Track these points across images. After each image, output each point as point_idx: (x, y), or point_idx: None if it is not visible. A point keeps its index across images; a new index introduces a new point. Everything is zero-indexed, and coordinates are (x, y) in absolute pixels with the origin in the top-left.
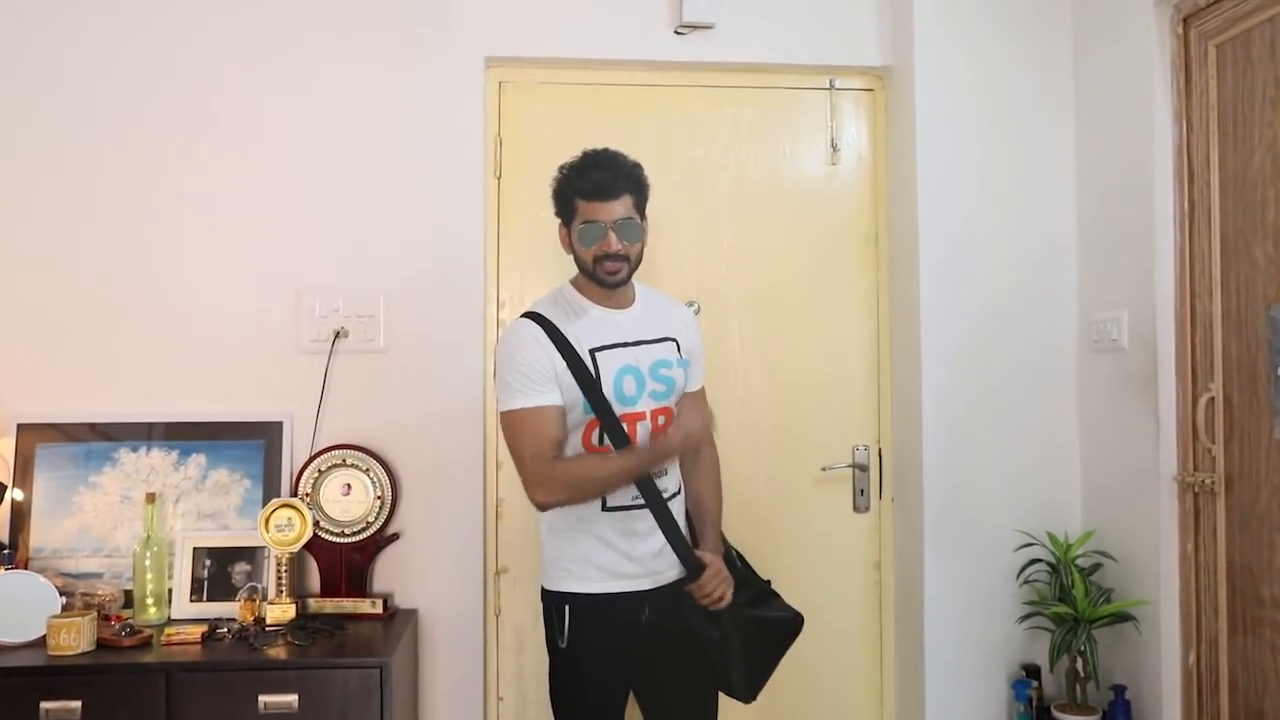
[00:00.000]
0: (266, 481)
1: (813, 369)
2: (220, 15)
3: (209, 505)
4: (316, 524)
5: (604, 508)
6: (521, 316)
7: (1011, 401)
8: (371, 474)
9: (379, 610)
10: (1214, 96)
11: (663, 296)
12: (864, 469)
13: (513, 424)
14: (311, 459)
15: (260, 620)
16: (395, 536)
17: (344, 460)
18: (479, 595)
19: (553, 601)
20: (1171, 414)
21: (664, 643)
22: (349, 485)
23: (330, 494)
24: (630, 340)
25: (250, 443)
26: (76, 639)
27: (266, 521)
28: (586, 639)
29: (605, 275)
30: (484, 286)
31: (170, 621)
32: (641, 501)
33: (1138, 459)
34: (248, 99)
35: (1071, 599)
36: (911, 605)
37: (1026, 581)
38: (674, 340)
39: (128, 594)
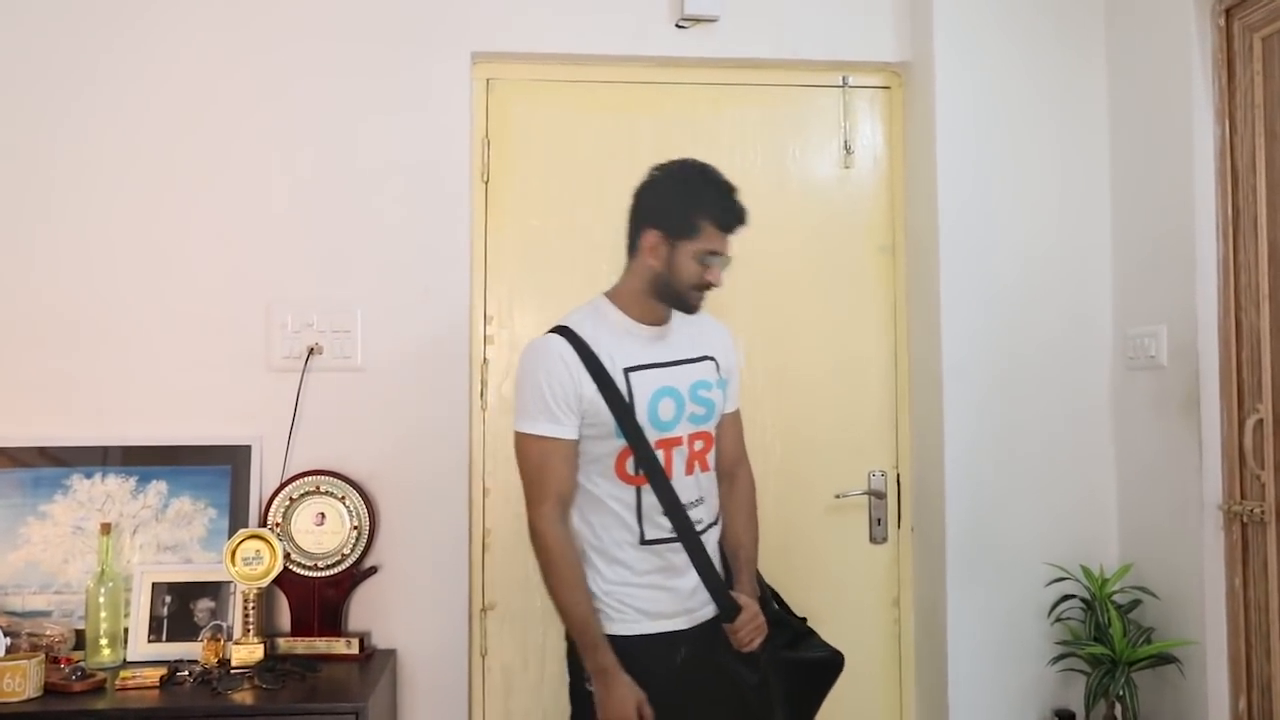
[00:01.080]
0: (233, 511)
1: (825, 388)
2: (193, 15)
3: (170, 537)
4: (287, 557)
5: (642, 540)
6: (551, 331)
7: (1041, 423)
8: (347, 502)
9: (355, 650)
10: (1259, 94)
11: (699, 312)
12: (881, 496)
13: (521, 447)
14: (282, 486)
15: (225, 662)
16: (373, 570)
17: (318, 487)
18: (463, 634)
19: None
20: (1216, 437)
21: (701, 685)
22: (323, 514)
23: (302, 524)
24: (668, 360)
25: (215, 468)
26: (22, 684)
27: (233, 554)
28: None
29: (695, 302)
30: (469, 299)
31: (126, 664)
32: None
33: (1179, 486)
34: (218, 101)
35: (1108, 639)
36: (933, 645)
37: (1059, 619)
38: (713, 359)
39: (79, 634)
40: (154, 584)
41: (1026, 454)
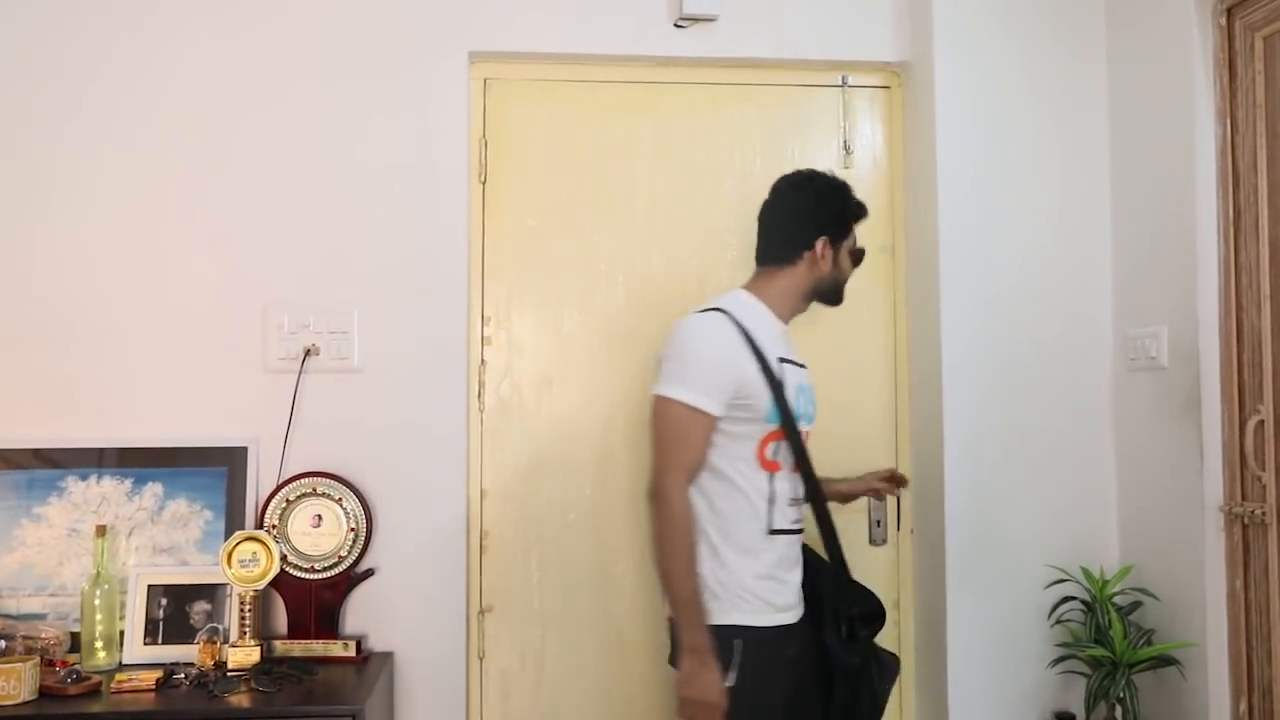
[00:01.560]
0: (229, 512)
1: (824, 389)
2: (192, 19)
3: (165, 539)
4: (284, 559)
5: (771, 530)
6: (709, 311)
7: (1041, 425)
8: (344, 504)
9: (351, 653)
10: (1261, 94)
11: None
12: (880, 498)
13: (666, 412)
14: (279, 488)
15: (221, 665)
16: (370, 572)
17: (314, 489)
18: (461, 637)
19: (719, 636)
20: (1217, 438)
21: (806, 681)
22: (320, 516)
23: (299, 526)
24: (797, 360)
25: (211, 470)
26: (17, 687)
27: (229, 556)
28: (758, 679)
29: (841, 296)
30: (467, 301)
31: (121, 667)
32: (800, 526)
33: (1180, 488)
34: (216, 103)
35: (1109, 641)
36: (933, 647)
37: (1059, 621)
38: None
39: (75, 636)
40: (150, 586)
41: (1026, 455)
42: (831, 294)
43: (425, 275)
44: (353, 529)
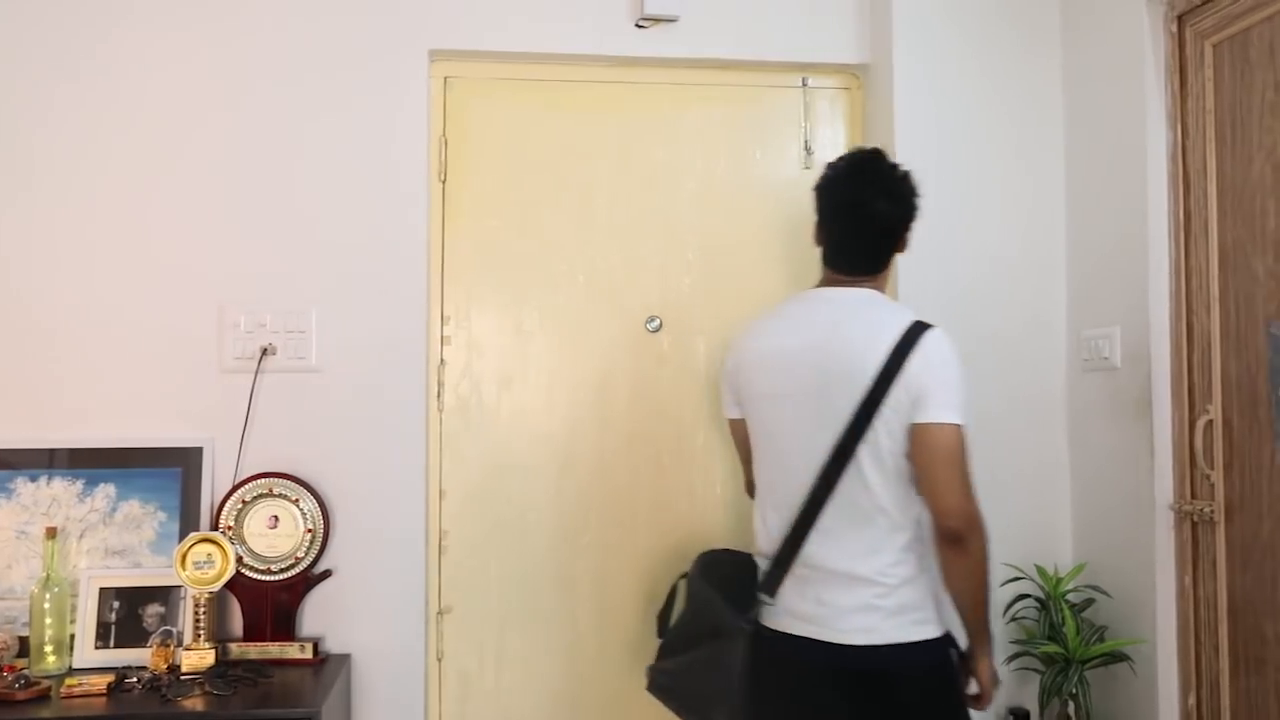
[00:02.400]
0: (184, 514)
1: None
2: (147, 15)
3: (118, 541)
4: (240, 560)
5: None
6: (934, 327)
7: (996, 424)
8: (301, 505)
9: (308, 655)
10: (1211, 100)
11: None
12: None
13: (957, 440)
14: (235, 489)
15: (175, 668)
16: (327, 574)
17: (271, 490)
18: (420, 638)
19: (951, 647)
20: (1167, 438)
21: None
22: (276, 517)
23: (255, 527)
24: None
25: (166, 471)
26: None
27: (183, 558)
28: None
29: None
30: (426, 299)
31: (72, 671)
32: None
33: (1132, 486)
34: (172, 100)
35: (1062, 637)
36: None
37: (1013, 619)
38: None
39: (23, 641)
40: (101, 589)
41: (982, 454)
42: None
43: (384, 274)
44: (310, 530)
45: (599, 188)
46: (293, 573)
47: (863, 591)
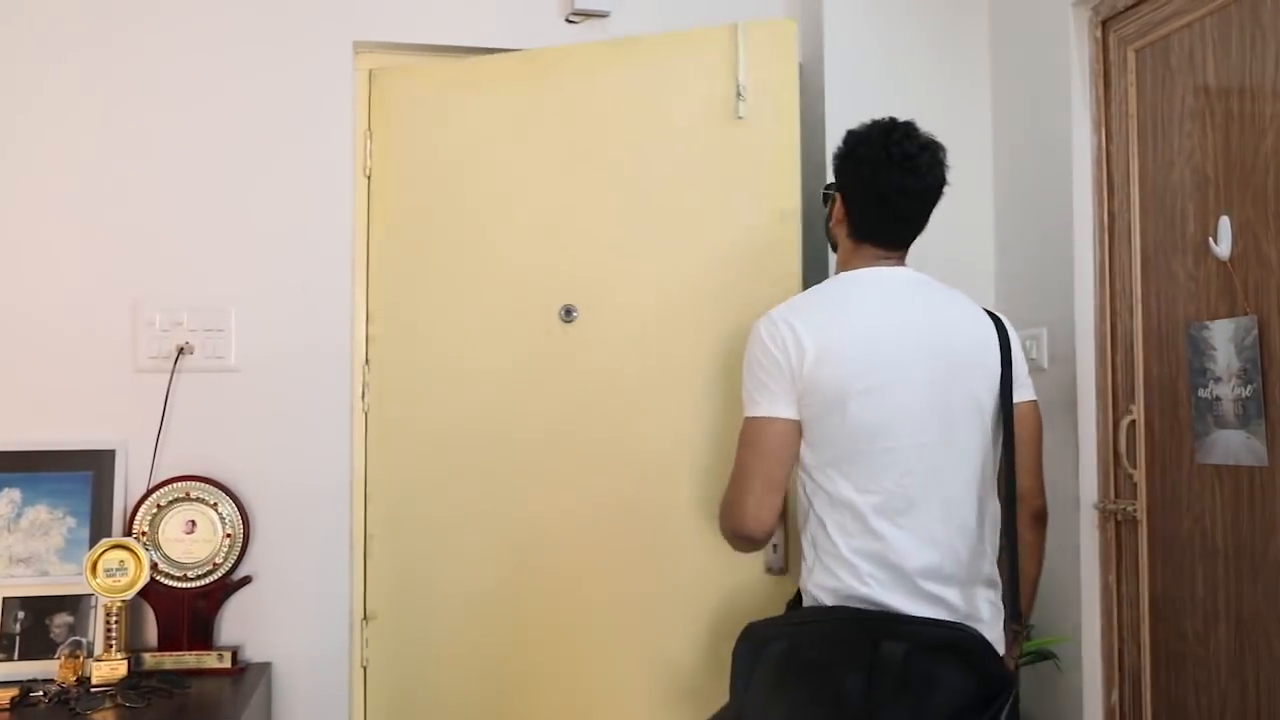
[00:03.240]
0: (95, 519)
1: (715, 382)
2: (64, 5)
3: (24, 548)
4: (154, 567)
5: None
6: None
7: None
8: (220, 509)
9: (227, 664)
10: (1133, 105)
11: None
12: None
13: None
14: (149, 493)
15: (85, 681)
16: (247, 580)
17: (188, 494)
18: (344, 645)
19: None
20: (1092, 438)
21: None
22: (193, 522)
23: (171, 532)
24: None
25: (75, 475)
26: None
27: (94, 565)
28: None
29: None
30: (351, 297)
31: None
32: None
33: (1060, 486)
34: (84, 89)
35: None
36: None
37: None
38: None
39: None
40: (5, 599)
41: None
42: None
43: (307, 272)
44: (229, 535)
45: (527, 178)
46: (211, 579)
47: (993, 594)
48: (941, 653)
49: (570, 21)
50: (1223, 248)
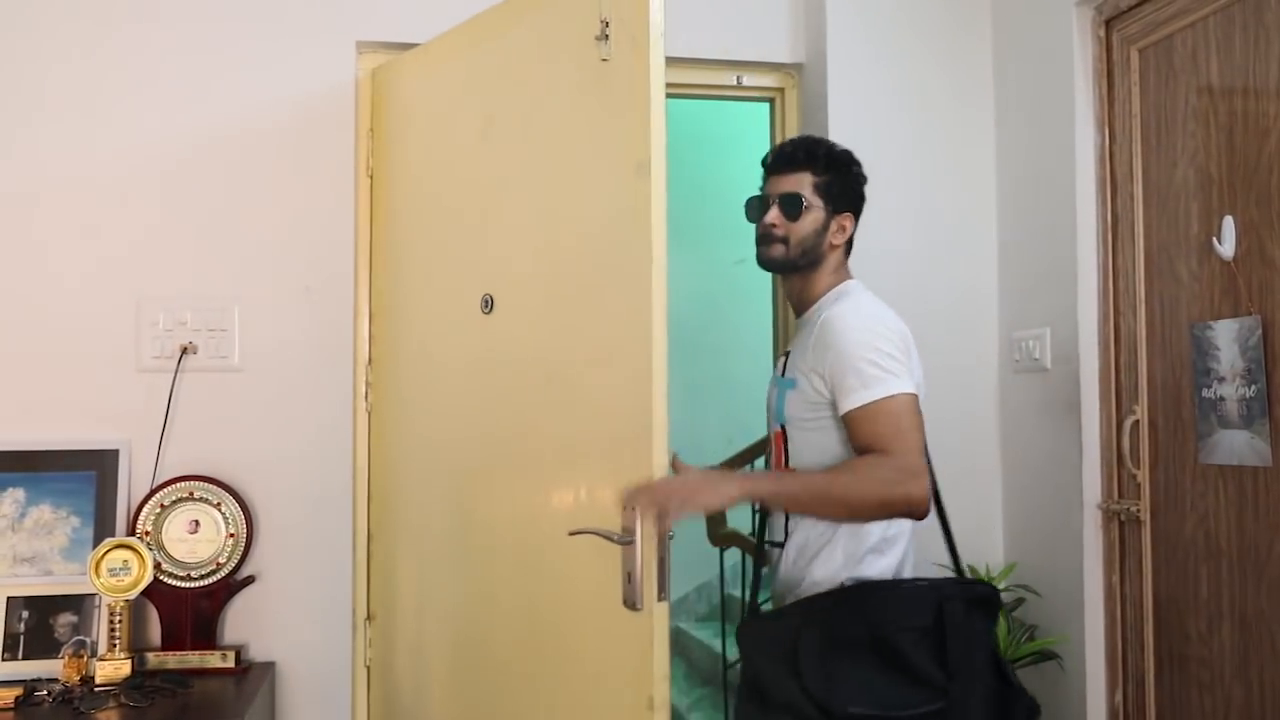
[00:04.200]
0: (99, 519)
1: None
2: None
3: (28, 547)
4: (158, 567)
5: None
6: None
7: (929, 424)
8: (223, 509)
9: (230, 664)
10: (1137, 104)
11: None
12: None
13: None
14: (153, 492)
15: (88, 680)
16: (250, 580)
17: (191, 493)
18: (346, 645)
19: None
20: (1095, 438)
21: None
22: (197, 522)
23: (175, 532)
24: (788, 350)
25: (79, 474)
26: None
27: (98, 565)
28: None
29: (760, 256)
30: (353, 296)
31: None
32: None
33: (1062, 486)
34: (83, 83)
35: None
36: None
37: None
38: (796, 353)
39: None
40: (9, 598)
41: None
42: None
43: (309, 271)
44: (232, 534)
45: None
46: (214, 579)
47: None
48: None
49: None
50: (1226, 248)
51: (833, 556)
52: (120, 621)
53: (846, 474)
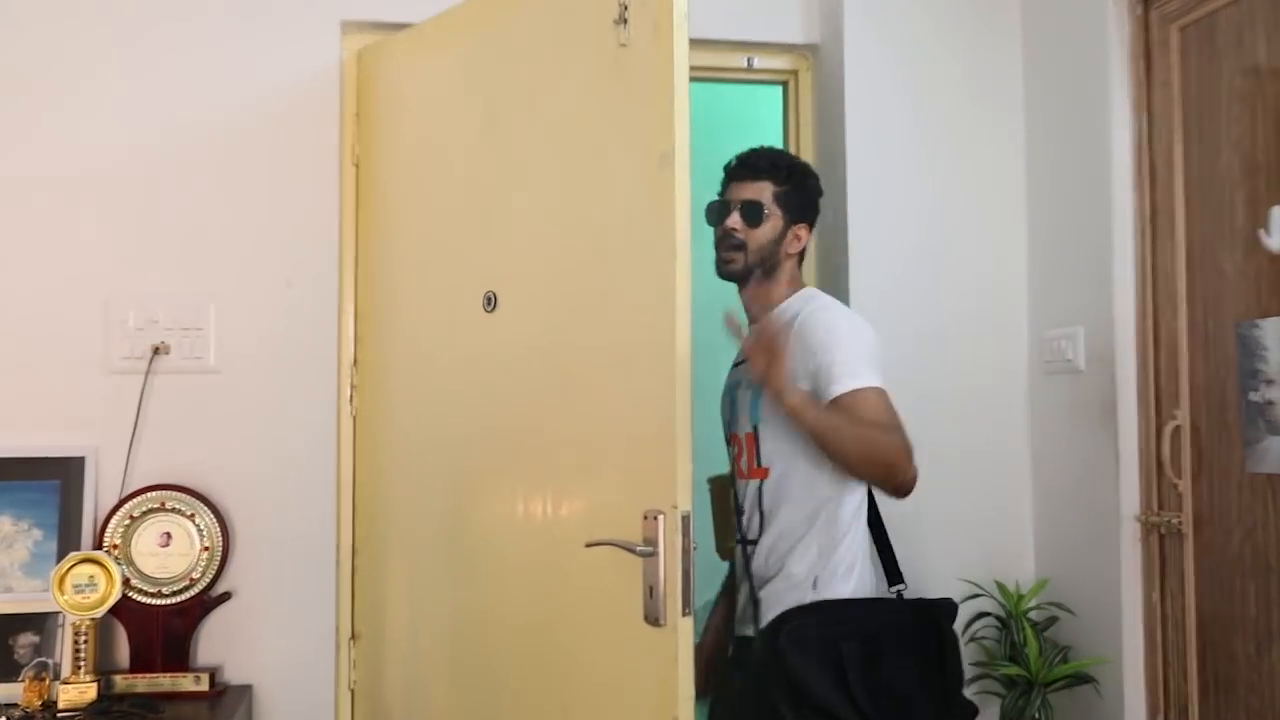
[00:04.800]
0: (63, 531)
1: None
2: None
3: None
4: (127, 583)
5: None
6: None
7: (955, 430)
8: (197, 520)
9: (204, 687)
10: (1177, 87)
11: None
12: None
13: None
14: (121, 503)
15: (51, 704)
16: (226, 596)
17: (163, 504)
18: (329, 666)
19: None
20: (1133, 445)
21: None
22: (169, 534)
23: (145, 545)
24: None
25: (42, 484)
26: None
27: (62, 581)
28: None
29: (720, 266)
30: (338, 294)
31: None
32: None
33: (1097, 496)
34: (44, 70)
35: (1024, 658)
36: None
37: (972, 639)
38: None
39: None
40: None
41: (938, 462)
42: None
43: (291, 266)
44: (206, 548)
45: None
46: (187, 595)
47: None
48: None
49: None
50: (1275, 240)
51: (808, 550)
52: (86, 642)
53: (875, 430)
